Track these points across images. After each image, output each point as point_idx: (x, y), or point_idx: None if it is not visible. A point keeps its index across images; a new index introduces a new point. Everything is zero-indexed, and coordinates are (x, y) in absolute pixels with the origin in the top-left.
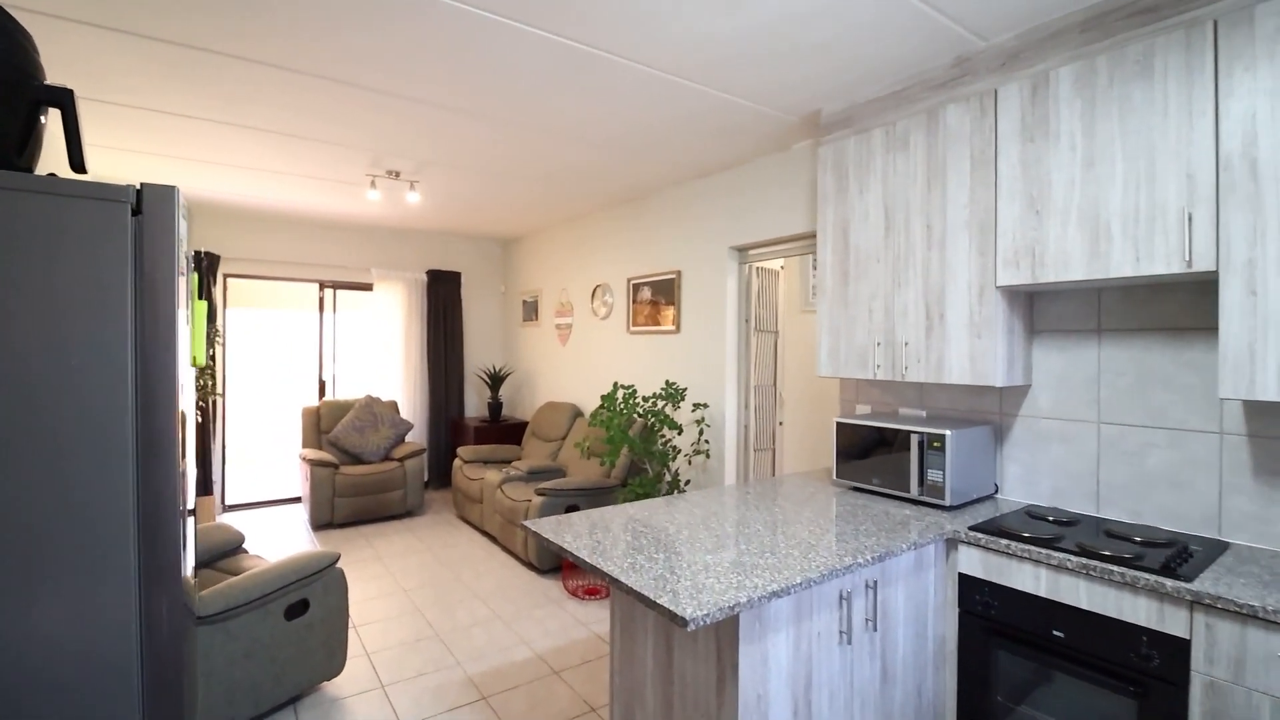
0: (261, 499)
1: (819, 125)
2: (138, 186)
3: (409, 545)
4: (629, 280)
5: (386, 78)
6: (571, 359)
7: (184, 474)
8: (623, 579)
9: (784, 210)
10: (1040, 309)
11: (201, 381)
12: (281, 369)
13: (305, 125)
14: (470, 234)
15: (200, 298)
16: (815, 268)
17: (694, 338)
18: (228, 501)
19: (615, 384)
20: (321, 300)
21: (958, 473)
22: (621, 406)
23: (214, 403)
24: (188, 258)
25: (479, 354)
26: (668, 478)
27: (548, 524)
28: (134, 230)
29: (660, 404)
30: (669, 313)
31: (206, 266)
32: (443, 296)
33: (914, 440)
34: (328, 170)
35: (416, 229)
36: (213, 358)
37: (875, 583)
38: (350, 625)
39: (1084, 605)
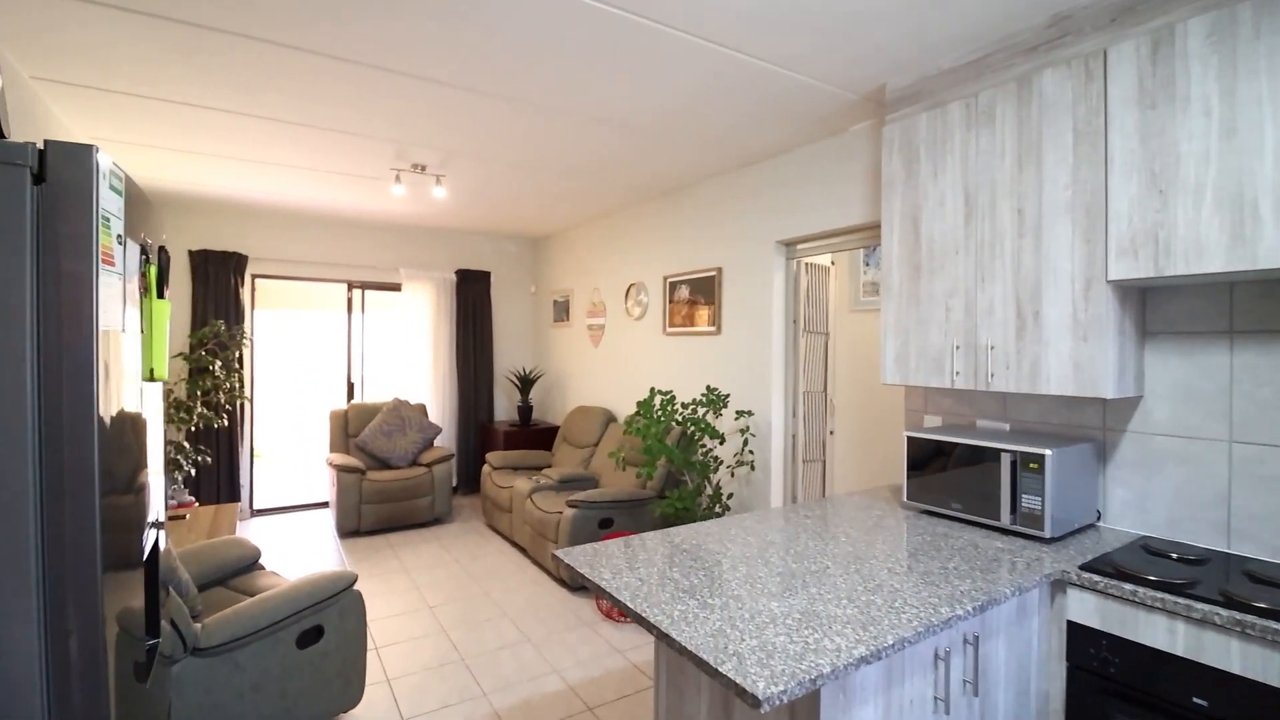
0: (290, 503)
1: (882, 103)
2: (40, 145)
3: (436, 556)
4: (665, 278)
5: (409, 57)
6: (604, 361)
7: (145, 488)
8: (675, 635)
9: (838, 200)
10: (1154, 306)
11: (228, 384)
12: (310, 371)
13: (325, 114)
14: (499, 232)
15: (161, 296)
16: (867, 264)
17: (736, 339)
18: (256, 506)
19: (652, 389)
20: (350, 301)
21: (1059, 498)
22: (659, 414)
23: (241, 406)
24: (123, 240)
25: (509, 355)
26: (708, 490)
27: (582, 554)
28: (35, 203)
29: (700, 411)
30: (709, 313)
31: (234, 267)
32: (472, 296)
33: (1005, 460)
34: (351, 164)
35: (445, 227)
36: (240, 360)
37: (976, 638)
38: (371, 646)
39: (1235, 670)
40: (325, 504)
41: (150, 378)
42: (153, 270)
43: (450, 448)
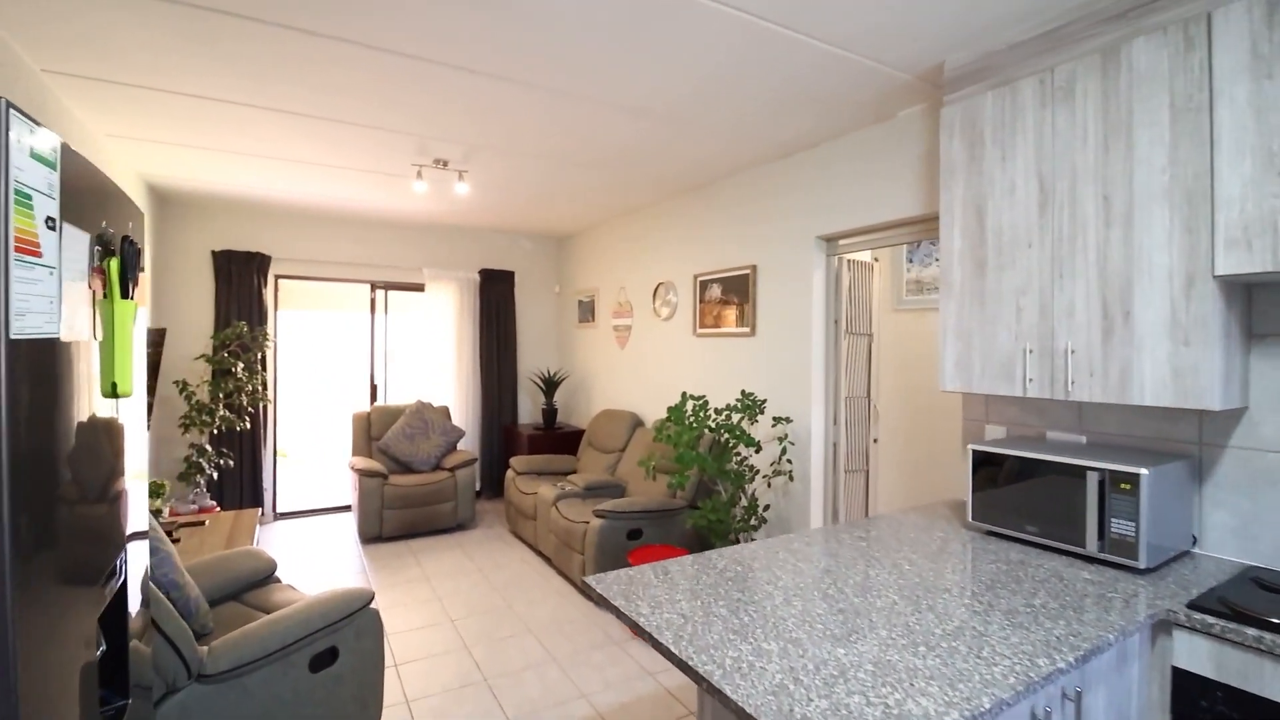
0: (313, 507)
1: (938, 84)
2: None
3: (459, 564)
4: (695, 277)
5: (429, 42)
6: (631, 363)
7: (123, 496)
8: (729, 691)
9: (884, 192)
10: (1263, 305)
11: (250, 386)
12: (333, 372)
13: (342, 105)
14: (523, 231)
15: (126, 295)
16: (910, 260)
17: (772, 341)
18: (279, 509)
19: (684, 394)
20: (373, 302)
21: (1154, 523)
22: (691, 420)
23: (264, 408)
24: (55, 225)
25: (533, 357)
26: (743, 501)
27: (616, 581)
28: None
29: (735, 417)
30: (743, 313)
31: (257, 267)
32: (496, 297)
33: (1092, 479)
34: (371, 160)
35: (469, 226)
36: (263, 362)
37: (1078, 693)
38: (391, 663)
39: None
40: (348, 507)
41: (112, 393)
42: (114, 265)
43: (473, 451)
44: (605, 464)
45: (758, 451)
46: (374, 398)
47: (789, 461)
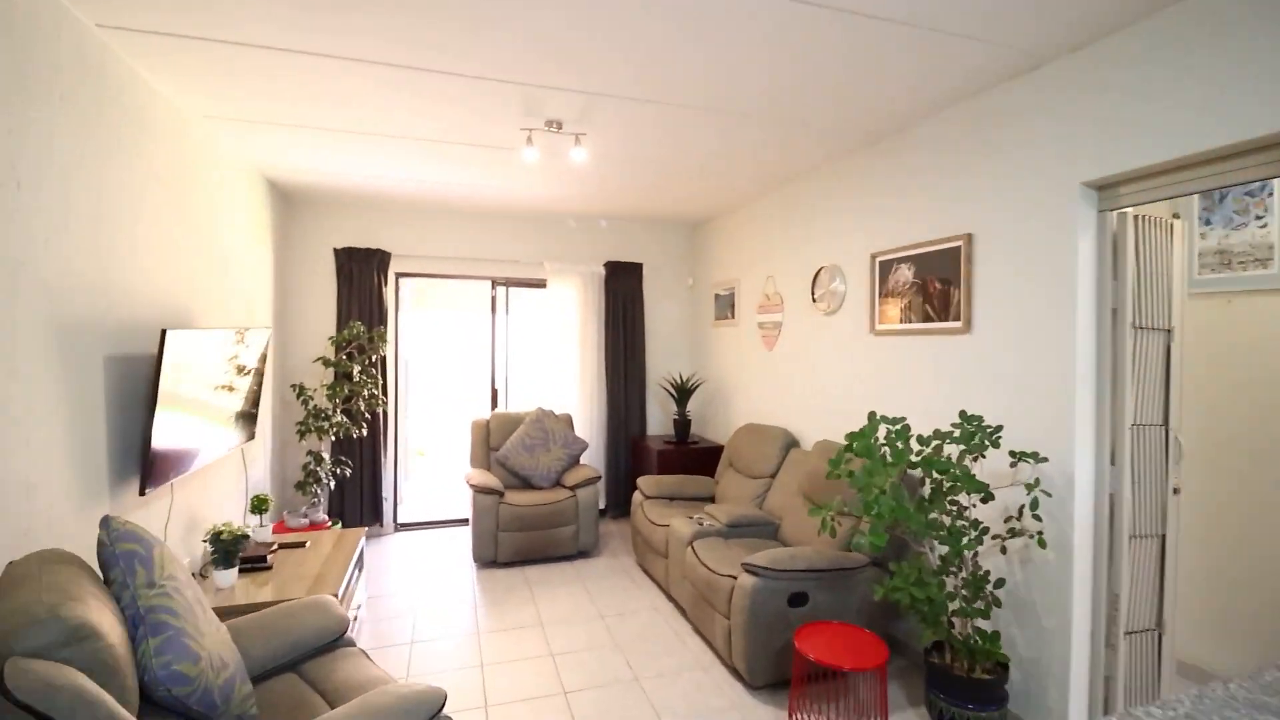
0: (434, 518)
1: None
2: None
3: (577, 605)
4: (873, 256)
5: None
6: (781, 369)
7: None
8: None
9: (1215, 99)
10: None
11: (367, 390)
12: (455, 375)
13: (436, 47)
14: (652, 217)
15: None
16: (1207, 222)
17: (1000, 340)
18: (400, 520)
19: (872, 414)
20: (494, 300)
21: None
22: (884, 450)
23: (384, 414)
24: None
25: (663, 360)
26: (963, 573)
27: None
28: None
29: (948, 449)
30: (950, 301)
31: (377, 264)
32: (622, 292)
33: None
34: (476, 127)
35: (591, 214)
36: (381, 364)
37: None
38: None
39: None
40: (468, 520)
41: None
42: None
43: (597, 466)
44: (751, 492)
45: (984, 501)
46: (494, 403)
47: (1037, 518)
